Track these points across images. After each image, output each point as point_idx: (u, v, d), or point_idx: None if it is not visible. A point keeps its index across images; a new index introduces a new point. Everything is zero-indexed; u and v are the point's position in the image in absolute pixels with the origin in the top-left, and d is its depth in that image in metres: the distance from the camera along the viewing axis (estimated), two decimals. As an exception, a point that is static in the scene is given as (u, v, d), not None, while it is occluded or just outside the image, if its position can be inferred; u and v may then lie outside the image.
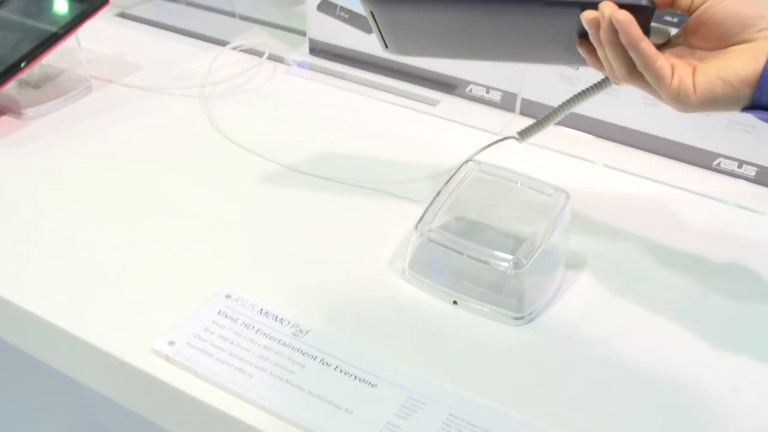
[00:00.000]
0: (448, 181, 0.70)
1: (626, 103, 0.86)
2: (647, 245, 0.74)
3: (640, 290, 0.68)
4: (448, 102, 0.95)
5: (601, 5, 0.55)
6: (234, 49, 1.03)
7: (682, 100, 0.55)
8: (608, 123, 0.88)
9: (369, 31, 0.98)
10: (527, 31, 0.61)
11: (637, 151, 0.87)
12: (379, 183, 0.79)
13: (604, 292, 0.68)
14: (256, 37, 1.08)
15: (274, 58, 1.02)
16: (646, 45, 0.55)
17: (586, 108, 0.83)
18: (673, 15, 0.73)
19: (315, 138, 0.88)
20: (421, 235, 0.66)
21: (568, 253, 0.69)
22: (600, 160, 0.86)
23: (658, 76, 0.55)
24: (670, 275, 0.70)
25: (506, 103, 0.94)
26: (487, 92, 0.95)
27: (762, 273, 0.71)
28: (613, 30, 0.55)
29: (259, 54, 1.01)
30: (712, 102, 0.55)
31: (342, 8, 0.99)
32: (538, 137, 0.72)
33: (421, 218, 0.67)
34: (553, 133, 0.77)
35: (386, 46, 0.69)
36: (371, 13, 0.65)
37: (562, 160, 0.87)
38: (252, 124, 0.88)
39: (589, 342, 0.63)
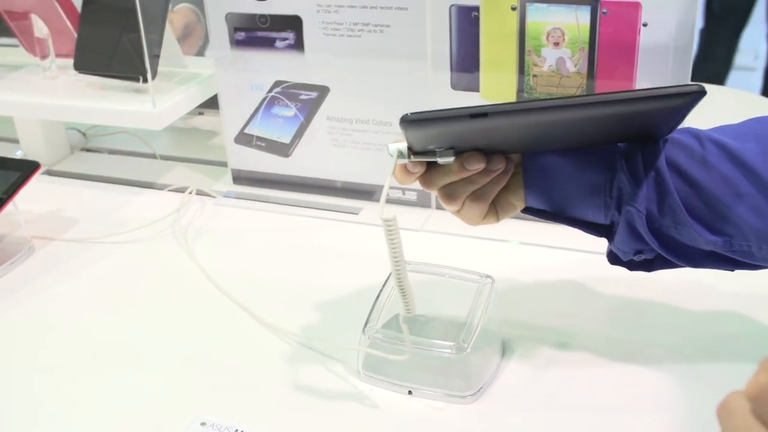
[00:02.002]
0: (384, 283, 0.77)
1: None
2: (569, 308, 0.83)
3: (570, 351, 0.76)
4: (369, 209, 1.04)
5: None
6: (162, 189, 1.10)
7: None
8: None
9: (286, 155, 1.06)
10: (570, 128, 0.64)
11: (547, 224, 0.96)
12: (320, 293, 0.86)
13: (539, 358, 0.76)
14: (181, 174, 1.15)
15: (201, 193, 1.08)
16: None
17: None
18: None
19: (254, 262, 0.94)
20: (369, 337, 0.73)
21: (501, 328, 0.77)
22: (515, 238, 0.95)
23: None
24: (594, 334, 0.79)
25: (422, 200, 1.03)
26: (403, 194, 1.03)
27: (674, 321, 0.80)
28: None
29: (186, 190, 1.08)
30: None
31: (258, 137, 1.07)
32: (455, 227, 0.78)
33: (366, 322, 0.74)
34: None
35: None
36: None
37: (481, 245, 0.95)
38: (194, 259, 0.94)
39: (535, 405, 0.70)
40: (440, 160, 0.65)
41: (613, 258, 0.72)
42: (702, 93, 0.58)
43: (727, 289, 0.83)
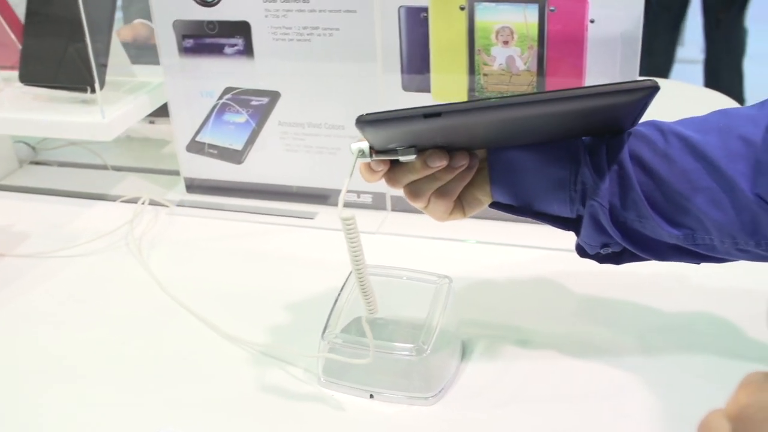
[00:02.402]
0: (342, 287, 0.77)
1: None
2: (528, 306, 0.83)
3: (530, 349, 0.77)
4: (324, 213, 1.03)
5: None
6: (114, 200, 1.08)
7: None
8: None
9: (238, 162, 1.05)
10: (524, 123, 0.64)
11: (504, 222, 0.96)
12: (277, 300, 0.86)
13: (499, 357, 0.76)
14: (133, 184, 1.14)
15: (154, 202, 1.07)
16: None
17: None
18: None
19: (210, 271, 0.93)
20: (328, 342, 0.72)
21: (461, 329, 0.77)
22: (472, 238, 0.95)
23: None
24: (553, 330, 0.79)
25: (377, 203, 1.03)
26: (358, 197, 1.03)
27: (633, 314, 0.81)
28: None
29: (139, 201, 1.06)
30: None
31: (210, 145, 1.06)
32: (411, 229, 0.78)
33: (325, 327, 0.73)
34: (424, 219, 0.84)
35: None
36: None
37: (438, 245, 0.95)
38: (149, 270, 0.93)
39: (496, 404, 0.70)
40: (402, 159, 0.65)
41: (582, 251, 0.72)
42: (655, 89, 0.58)
43: (693, 281, 0.84)
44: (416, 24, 0.92)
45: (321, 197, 1.04)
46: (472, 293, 0.85)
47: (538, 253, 0.91)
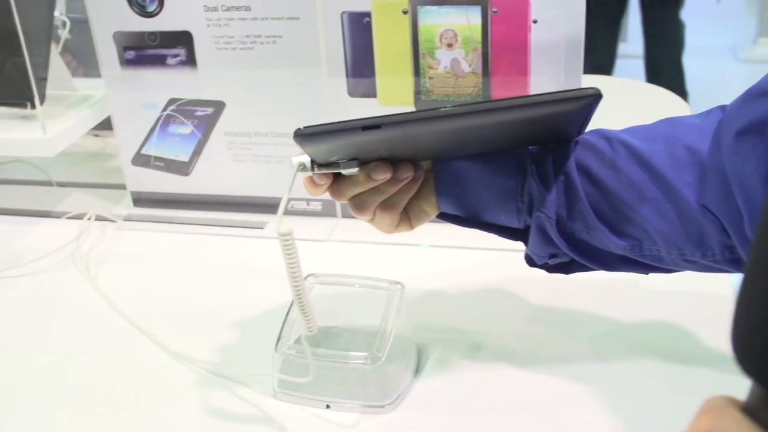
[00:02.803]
0: (290, 306, 0.76)
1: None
2: (482, 309, 0.83)
3: (485, 352, 0.77)
4: (274, 222, 1.02)
5: None
6: (59, 217, 1.06)
7: None
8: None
9: (185, 173, 1.04)
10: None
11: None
12: (230, 313, 0.84)
13: (454, 361, 0.76)
14: (78, 200, 1.12)
15: (101, 218, 1.05)
16: None
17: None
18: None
19: (160, 287, 0.92)
20: (282, 354, 0.72)
21: (415, 334, 0.77)
22: (425, 242, 0.95)
23: None
24: (508, 333, 0.79)
25: (328, 210, 1.02)
26: (308, 204, 1.02)
27: (586, 317, 0.81)
28: None
29: (85, 217, 1.04)
30: None
31: (155, 157, 1.04)
32: (362, 235, 0.77)
33: (279, 338, 0.72)
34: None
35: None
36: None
37: (390, 250, 0.95)
38: (97, 287, 0.91)
39: (453, 409, 0.70)
40: (344, 172, 0.64)
41: (531, 261, 0.72)
42: (598, 97, 0.57)
43: (643, 285, 0.84)
44: (359, 29, 0.91)
45: (270, 206, 1.03)
46: (426, 298, 0.85)
47: (491, 254, 0.92)
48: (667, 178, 0.62)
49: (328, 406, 0.71)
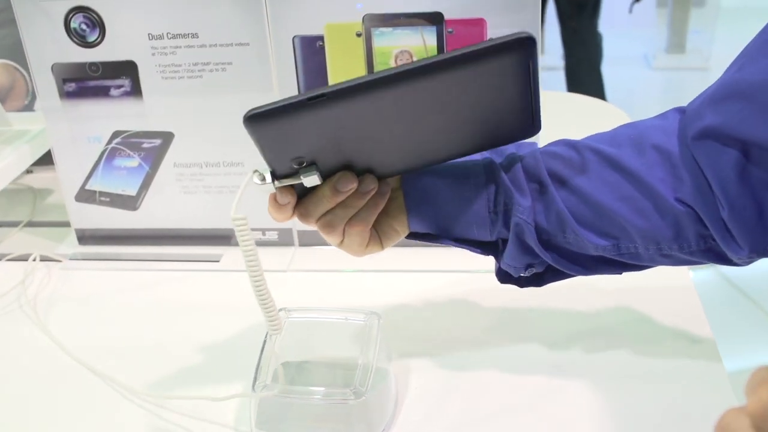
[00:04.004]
0: (267, 335, 0.73)
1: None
2: (453, 331, 0.82)
3: (465, 373, 0.75)
4: (230, 254, 0.99)
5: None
6: (0, 260, 1.01)
7: None
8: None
9: (133, 208, 1.00)
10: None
11: (417, 248, 0.95)
12: (192, 353, 0.81)
13: (435, 388, 0.74)
14: (19, 241, 1.06)
15: (46, 258, 1.00)
16: None
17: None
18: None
19: (114, 329, 0.88)
20: (260, 393, 0.69)
21: (392, 363, 0.75)
22: (385, 267, 0.93)
23: None
24: (486, 352, 0.78)
25: (284, 239, 0.99)
26: (264, 234, 0.99)
27: (560, 323, 0.81)
28: None
29: (30, 258, 0.99)
30: None
31: (101, 192, 1.00)
32: (322, 263, 0.75)
33: (255, 377, 0.69)
34: (334, 252, 0.81)
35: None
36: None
37: (352, 277, 0.93)
38: (47, 332, 0.86)
39: (440, 440, 0.69)
40: (305, 181, 0.62)
41: (503, 276, 0.72)
42: (531, 39, 0.56)
43: (611, 285, 0.83)
44: (312, 53, 0.89)
45: (224, 238, 1.00)
46: (396, 324, 0.83)
47: (454, 276, 0.90)
48: (640, 177, 0.63)
49: (310, 446, 0.69)
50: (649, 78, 4.22)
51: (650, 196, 0.63)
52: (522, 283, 0.72)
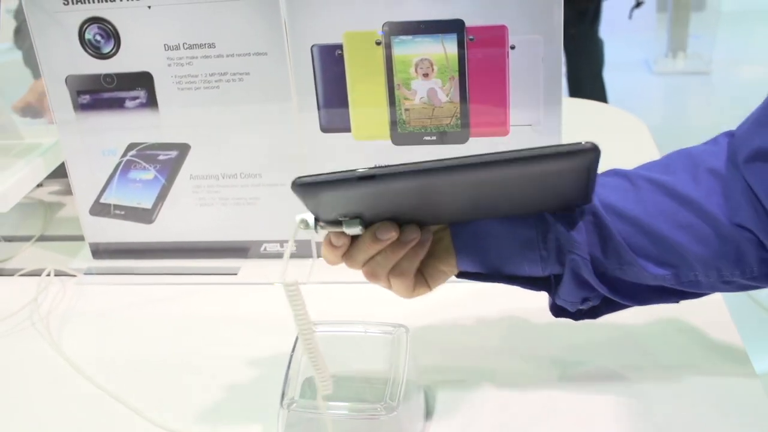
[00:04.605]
0: (293, 349, 0.72)
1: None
2: (481, 342, 0.80)
3: (493, 386, 0.74)
4: (248, 266, 0.98)
5: None
6: (12, 275, 0.99)
7: None
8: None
9: (149, 221, 0.98)
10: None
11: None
12: (212, 369, 0.80)
13: (464, 400, 0.73)
14: (32, 255, 1.05)
15: (60, 273, 0.99)
16: None
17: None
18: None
19: (130, 345, 0.86)
20: (288, 410, 0.67)
21: (421, 377, 0.73)
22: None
23: None
24: (511, 363, 0.76)
25: (302, 250, 0.98)
26: (281, 246, 0.98)
27: (594, 336, 0.79)
28: None
29: (43, 273, 0.98)
30: None
31: (116, 206, 0.99)
32: (340, 275, 0.74)
33: (283, 393, 0.68)
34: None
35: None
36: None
37: (371, 288, 0.91)
38: (60, 351, 0.85)
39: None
40: (347, 230, 0.62)
41: (557, 310, 0.71)
42: (596, 150, 0.54)
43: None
44: (331, 62, 0.88)
45: (242, 250, 0.99)
46: (422, 336, 0.82)
47: (479, 287, 0.88)
48: (698, 203, 0.63)
49: (340, 462, 0.67)
50: (650, 83, 4.22)
51: (709, 222, 0.62)
52: (577, 316, 0.70)
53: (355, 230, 0.62)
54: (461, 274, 0.69)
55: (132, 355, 0.84)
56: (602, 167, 0.58)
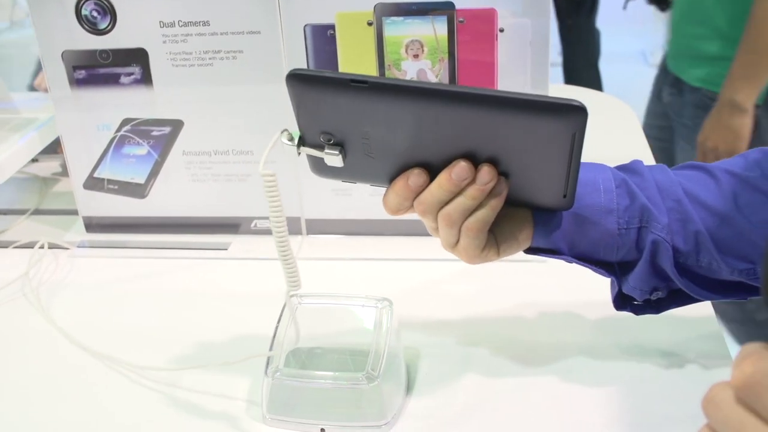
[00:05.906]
0: (278, 320, 0.73)
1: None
2: (465, 319, 0.82)
3: (475, 362, 0.76)
4: (238, 242, 0.99)
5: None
6: (6, 247, 1.01)
7: None
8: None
9: (142, 196, 1.00)
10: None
11: (421, 237, 0.95)
12: (200, 340, 0.81)
13: (445, 375, 0.74)
14: (26, 228, 1.06)
15: (53, 246, 1.00)
16: None
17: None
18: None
19: (121, 317, 0.88)
20: (272, 378, 0.69)
21: (404, 350, 0.75)
22: (391, 256, 0.93)
23: None
24: (493, 341, 0.78)
25: (292, 227, 0.99)
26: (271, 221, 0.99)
27: (571, 319, 0.81)
28: None
29: (36, 245, 0.99)
30: None
31: (109, 180, 1.00)
32: (330, 251, 0.76)
33: (267, 362, 0.70)
34: (341, 240, 0.82)
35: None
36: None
37: (364, 266, 0.93)
38: (52, 321, 0.86)
39: (450, 422, 0.69)
40: (327, 158, 0.62)
41: (621, 302, 0.69)
42: (584, 110, 0.54)
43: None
44: (323, 42, 0.90)
45: (233, 226, 1.01)
46: (407, 311, 0.83)
47: (467, 265, 0.90)
48: None
49: (322, 430, 0.69)
50: (647, 74, 4.20)
51: None
52: (639, 310, 0.69)
53: (335, 160, 0.61)
54: (531, 249, 0.67)
55: (122, 326, 0.86)
56: (589, 149, 0.59)
